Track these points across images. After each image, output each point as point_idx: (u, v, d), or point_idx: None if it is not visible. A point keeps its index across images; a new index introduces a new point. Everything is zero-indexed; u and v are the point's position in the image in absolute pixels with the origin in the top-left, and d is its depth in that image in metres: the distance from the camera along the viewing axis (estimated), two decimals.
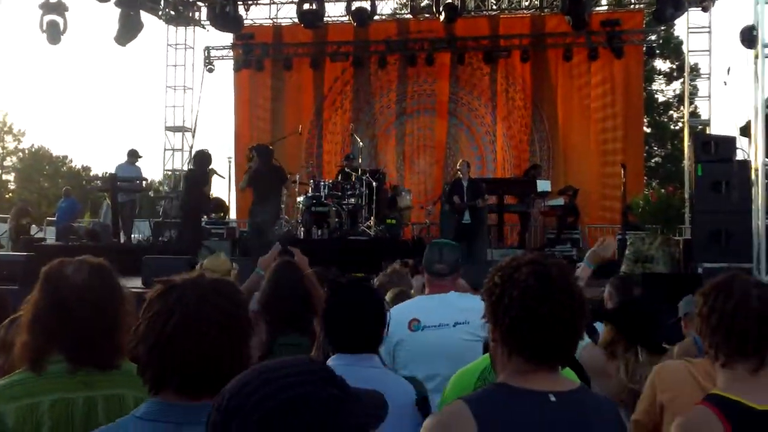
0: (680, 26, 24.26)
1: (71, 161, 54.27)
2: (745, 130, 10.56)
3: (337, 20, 19.01)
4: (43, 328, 2.45)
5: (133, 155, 16.11)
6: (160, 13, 19.36)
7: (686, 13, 15.75)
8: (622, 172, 14.25)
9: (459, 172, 13.38)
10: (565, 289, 2.06)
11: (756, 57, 9.93)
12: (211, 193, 14.08)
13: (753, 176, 9.74)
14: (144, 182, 16.87)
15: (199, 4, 19.58)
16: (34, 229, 19.17)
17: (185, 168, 20.30)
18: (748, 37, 10.14)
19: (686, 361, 3.02)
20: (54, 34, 15.69)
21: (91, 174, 42.55)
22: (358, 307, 3.03)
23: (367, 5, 15.31)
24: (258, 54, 20.23)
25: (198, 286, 1.96)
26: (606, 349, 4.20)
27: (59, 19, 15.72)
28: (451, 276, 4.20)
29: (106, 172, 18.46)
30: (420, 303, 4.22)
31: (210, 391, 1.75)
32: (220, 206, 18.68)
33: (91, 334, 2.45)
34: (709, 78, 17.45)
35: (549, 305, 2.01)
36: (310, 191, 14.39)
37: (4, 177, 52.27)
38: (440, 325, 3.93)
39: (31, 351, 2.45)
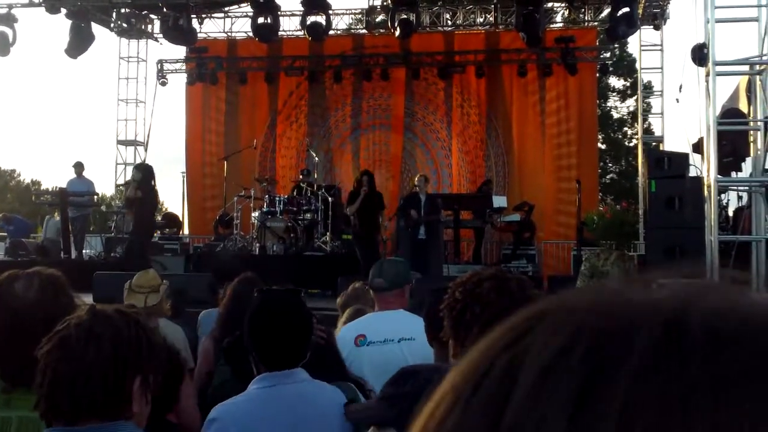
0: (633, 44, 24.58)
1: (20, 175, 53.53)
2: (698, 147, 10.69)
3: (292, 34, 18.91)
4: None
5: (79, 166, 15.86)
6: (112, 25, 19.11)
7: (639, 31, 15.94)
8: (577, 187, 14.33)
9: (416, 187, 13.29)
10: (525, 303, 2.00)
11: (707, 75, 10.04)
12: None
13: (705, 192, 9.85)
14: (96, 197, 16.58)
15: (152, 16, 19.30)
16: None
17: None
18: (699, 55, 10.26)
19: None
20: (2, 45, 15.45)
21: (41, 188, 41.78)
22: (287, 319, 2.87)
23: (322, 20, 15.20)
24: (212, 67, 20.01)
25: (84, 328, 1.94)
26: None
27: (8, 31, 15.52)
28: (394, 291, 4.20)
29: (56, 187, 18.03)
30: (368, 319, 4.29)
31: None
32: (173, 221, 18.46)
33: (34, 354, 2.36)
34: (661, 95, 17.69)
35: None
36: (265, 206, 14.26)
37: None
38: (385, 341, 3.99)
39: None
